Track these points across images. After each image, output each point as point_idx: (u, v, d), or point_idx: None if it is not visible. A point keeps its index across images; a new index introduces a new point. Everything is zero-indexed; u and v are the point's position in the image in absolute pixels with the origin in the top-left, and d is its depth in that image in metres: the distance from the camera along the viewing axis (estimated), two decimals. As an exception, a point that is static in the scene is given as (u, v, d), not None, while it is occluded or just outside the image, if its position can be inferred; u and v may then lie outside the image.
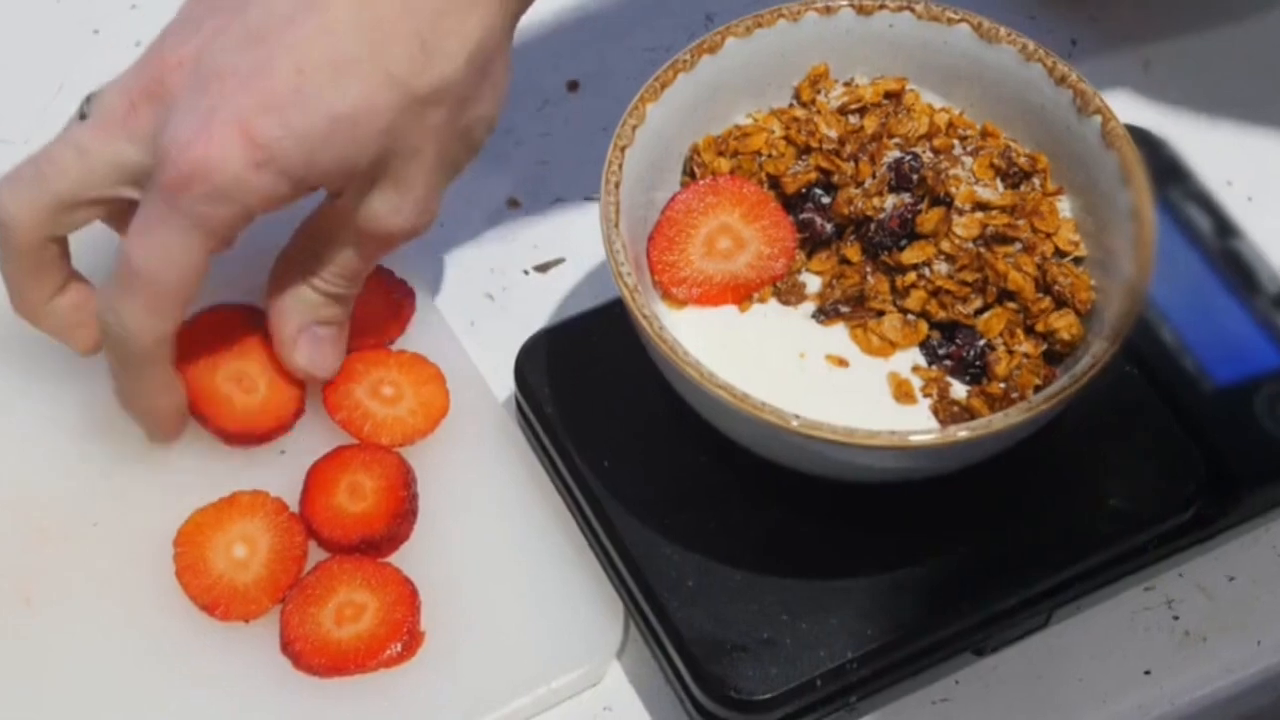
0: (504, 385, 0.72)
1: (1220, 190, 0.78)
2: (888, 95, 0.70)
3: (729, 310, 0.68)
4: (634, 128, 0.66)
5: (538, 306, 0.76)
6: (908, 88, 0.70)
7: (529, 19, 0.83)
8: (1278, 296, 0.74)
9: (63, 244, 0.67)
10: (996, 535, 0.67)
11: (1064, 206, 0.68)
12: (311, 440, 0.71)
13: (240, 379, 0.71)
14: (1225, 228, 0.75)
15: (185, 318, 0.65)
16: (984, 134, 0.70)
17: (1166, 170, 0.77)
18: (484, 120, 0.66)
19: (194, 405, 0.70)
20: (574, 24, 0.84)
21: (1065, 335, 0.65)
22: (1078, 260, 0.67)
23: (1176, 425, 0.69)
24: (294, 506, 0.69)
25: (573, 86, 0.83)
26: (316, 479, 0.70)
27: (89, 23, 0.85)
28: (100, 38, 0.85)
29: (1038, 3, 0.86)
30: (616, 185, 0.65)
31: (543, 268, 0.78)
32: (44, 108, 0.82)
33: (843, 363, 0.66)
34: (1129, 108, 0.79)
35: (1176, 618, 0.70)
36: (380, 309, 0.74)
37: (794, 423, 0.60)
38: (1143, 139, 0.77)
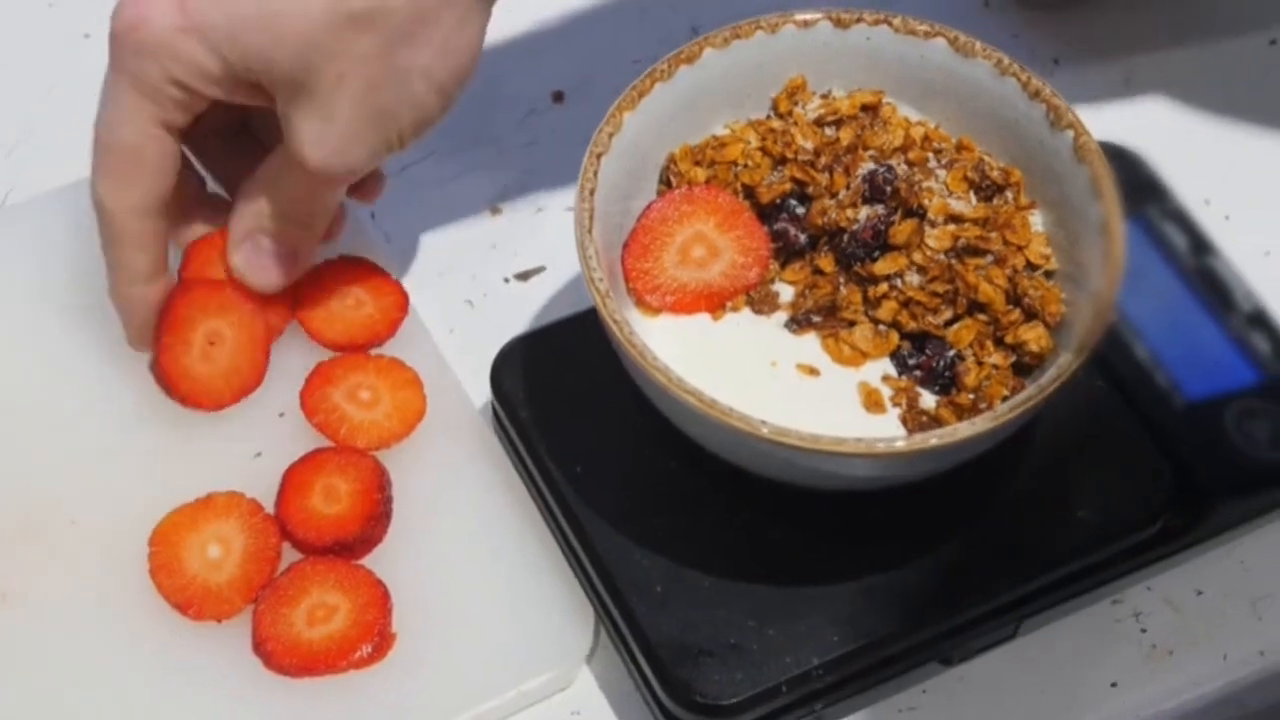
0: (482, 391, 0.73)
1: (1198, 208, 0.78)
2: (864, 108, 0.70)
3: (702, 318, 0.68)
4: (610, 136, 0.67)
5: (517, 314, 0.77)
6: (884, 101, 0.71)
7: (516, 29, 0.85)
8: (1252, 314, 0.74)
9: (160, 223, 0.69)
10: (965, 545, 0.67)
11: (1036, 220, 0.69)
12: (288, 443, 0.71)
13: (208, 343, 0.72)
14: (1201, 245, 0.76)
15: (158, 200, 0.67)
16: (959, 148, 0.70)
17: (1144, 187, 0.78)
18: (425, 73, 0.65)
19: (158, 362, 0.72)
20: (560, 35, 0.85)
21: (1034, 347, 0.66)
22: (1049, 274, 0.68)
23: (1146, 439, 0.70)
24: (270, 508, 0.70)
25: (558, 97, 0.84)
26: (292, 481, 0.70)
27: (81, 27, 0.86)
28: (91, 42, 0.86)
29: (1021, 21, 0.86)
30: (591, 193, 0.65)
31: (523, 276, 0.79)
32: (33, 111, 0.83)
33: (814, 372, 0.67)
34: (1110, 125, 0.79)
35: (1144, 631, 0.70)
36: (374, 311, 0.75)
37: (760, 429, 0.60)
38: (1121, 156, 0.78)
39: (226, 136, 0.73)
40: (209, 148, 0.73)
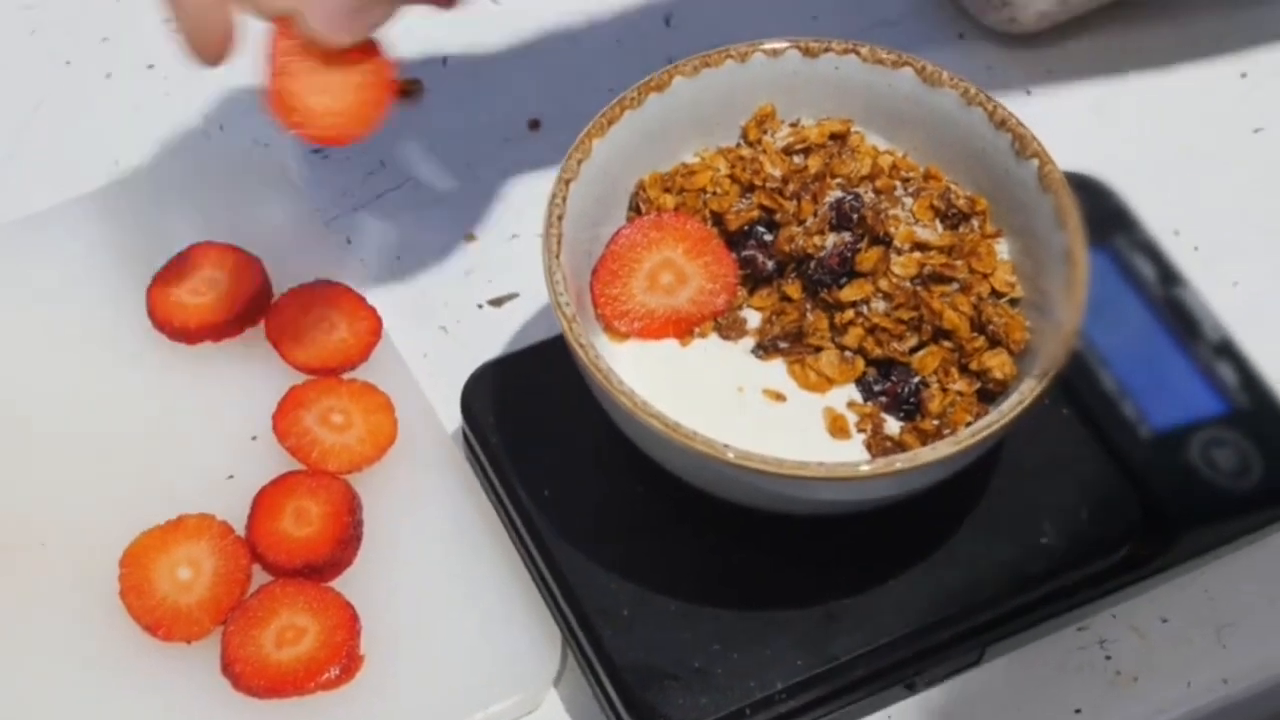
0: (455, 415, 0.73)
1: (1167, 239, 0.79)
2: (833, 136, 0.71)
3: (670, 344, 0.69)
4: (579, 162, 0.67)
5: (490, 340, 0.77)
6: (853, 129, 0.71)
7: (493, 58, 0.85)
8: (1219, 344, 0.75)
9: None
10: (930, 571, 0.68)
11: (1003, 249, 0.69)
12: (261, 466, 0.72)
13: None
14: (1169, 276, 0.76)
15: None
16: (927, 176, 0.71)
17: (1113, 218, 0.78)
18: None
19: None
20: (537, 64, 0.86)
21: (998, 374, 0.66)
22: (1014, 301, 0.68)
23: (1112, 467, 0.70)
24: (241, 530, 0.70)
25: (534, 125, 0.84)
26: (263, 504, 0.71)
27: (62, 54, 0.87)
28: (72, 69, 0.86)
29: (995, 52, 0.87)
30: (559, 218, 0.66)
31: (496, 302, 0.79)
32: (13, 137, 0.84)
33: (780, 397, 0.67)
34: (1081, 156, 0.79)
35: (1109, 657, 0.70)
36: (348, 335, 0.75)
37: (725, 453, 0.61)
38: (1090, 187, 0.78)
39: None
40: None
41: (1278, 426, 0.73)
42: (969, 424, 0.65)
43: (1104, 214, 0.78)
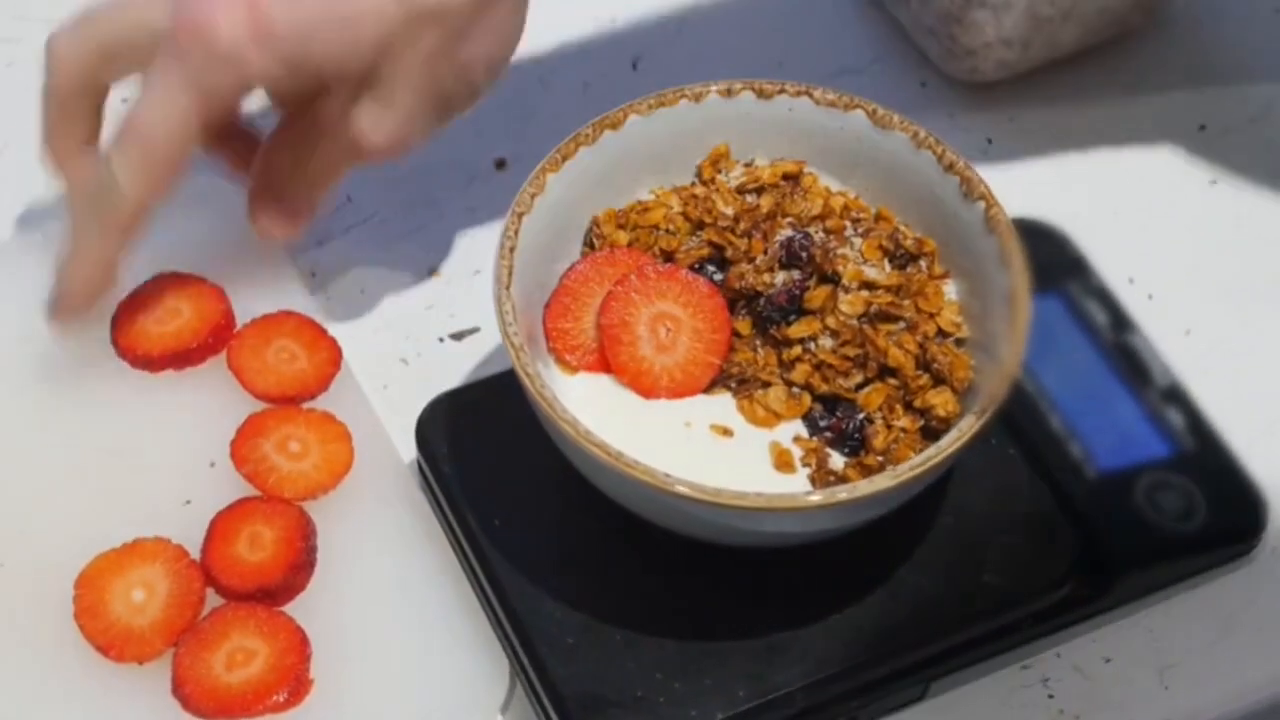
0: (412, 446, 0.74)
1: (1122, 286, 0.80)
2: (786, 177, 0.72)
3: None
4: (533, 196, 0.68)
5: (450, 372, 0.78)
6: (806, 170, 0.73)
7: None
8: (1167, 389, 0.76)
9: (99, 98, 0.71)
10: (874, 606, 0.69)
11: (951, 290, 0.70)
12: (218, 492, 0.73)
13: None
14: (1121, 322, 0.78)
15: (165, 194, 0.69)
16: (878, 218, 0.72)
17: (1068, 264, 0.80)
18: (482, 61, 0.69)
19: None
20: (504, 104, 0.87)
21: (941, 411, 0.67)
22: (960, 341, 0.69)
23: (1055, 507, 0.71)
24: (197, 555, 0.71)
25: (500, 165, 0.86)
26: (219, 528, 0.72)
27: (35, 88, 0.88)
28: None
29: (957, 101, 0.88)
30: (511, 250, 0.67)
31: (458, 336, 0.80)
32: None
33: (728, 432, 0.68)
34: (1040, 204, 0.81)
35: (1051, 696, 0.71)
36: (307, 365, 0.76)
37: (663, 480, 0.62)
38: (1046, 234, 0.80)
39: None
40: None
41: (1223, 471, 0.74)
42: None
43: (1058, 260, 0.79)
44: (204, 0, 0.66)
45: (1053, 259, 0.79)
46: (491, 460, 0.72)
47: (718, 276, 0.70)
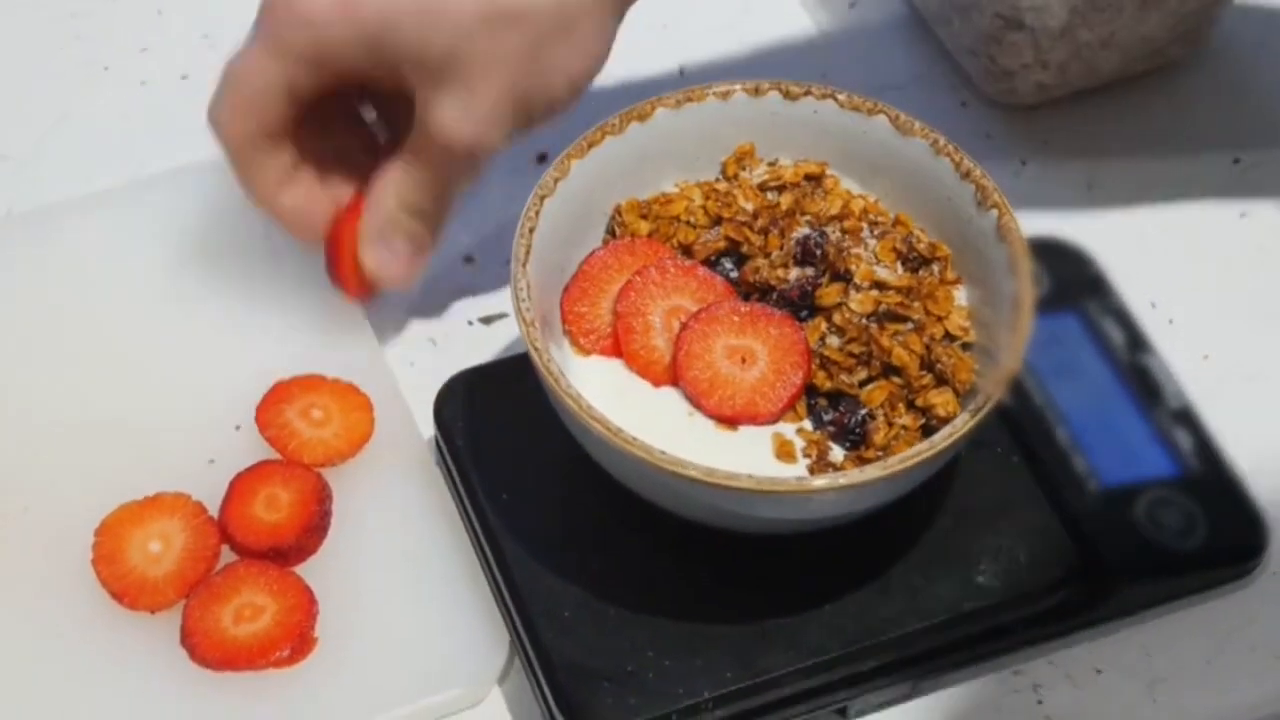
0: (432, 424, 0.76)
1: (1144, 310, 0.81)
2: (808, 177, 0.74)
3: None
4: (556, 180, 0.70)
5: (475, 354, 0.80)
6: (828, 172, 0.74)
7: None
8: (1179, 410, 0.77)
9: (279, 139, 0.73)
10: (866, 598, 0.70)
11: (962, 295, 0.72)
12: (240, 453, 0.75)
13: None
14: (1137, 342, 0.79)
15: (267, 137, 0.72)
16: (896, 222, 0.73)
17: (1089, 283, 0.81)
18: (563, 72, 0.71)
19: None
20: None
21: (941, 411, 0.68)
22: (966, 345, 0.70)
23: (1053, 516, 0.72)
24: (215, 512, 0.73)
25: (541, 158, 0.87)
26: (238, 488, 0.74)
27: (100, 60, 0.91)
28: (109, 74, 0.91)
29: (995, 121, 0.89)
30: (531, 230, 0.69)
31: (486, 320, 0.82)
32: (47, 132, 0.88)
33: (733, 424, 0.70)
34: (1069, 225, 0.82)
35: (1040, 702, 0.72)
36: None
37: (658, 457, 0.63)
38: (1070, 253, 0.81)
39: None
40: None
41: (1227, 493, 0.75)
42: (908, 456, 0.68)
43: (1079, 278, 0.81)
44: None
45: (1072, 277, 0.80)
46: (504, 437, 0.73)
47: (734, 274, 0.72)
